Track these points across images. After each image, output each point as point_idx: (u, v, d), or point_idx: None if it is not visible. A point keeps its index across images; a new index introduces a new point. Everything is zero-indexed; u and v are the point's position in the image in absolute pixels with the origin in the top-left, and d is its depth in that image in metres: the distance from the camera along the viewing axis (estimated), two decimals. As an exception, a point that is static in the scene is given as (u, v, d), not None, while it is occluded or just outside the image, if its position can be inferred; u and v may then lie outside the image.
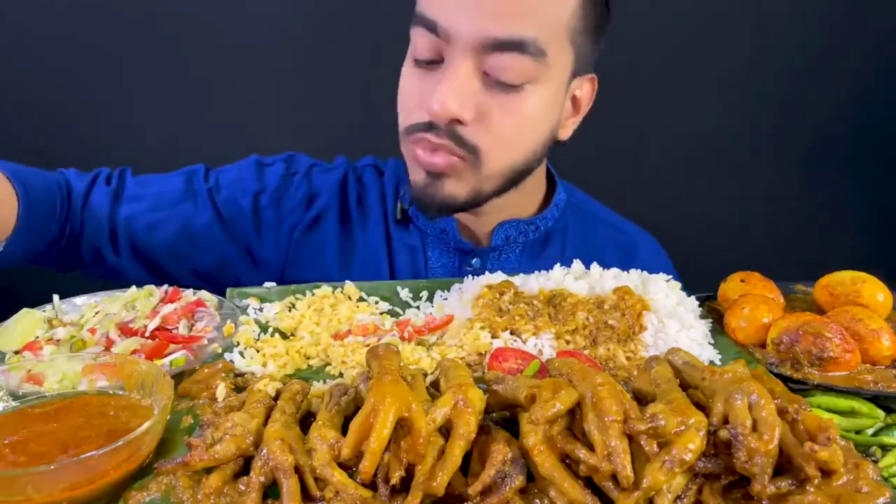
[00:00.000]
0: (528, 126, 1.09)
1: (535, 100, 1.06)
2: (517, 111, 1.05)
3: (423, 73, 1.07)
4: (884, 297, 0.99)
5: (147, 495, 0.63)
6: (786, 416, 0.64)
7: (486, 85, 1.03)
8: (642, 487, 0.58)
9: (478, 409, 0.67)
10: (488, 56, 1.00)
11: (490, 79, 1.03)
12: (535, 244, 1.29)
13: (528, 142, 1.11)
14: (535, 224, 1.28)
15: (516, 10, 0.98)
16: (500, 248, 1.26)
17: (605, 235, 1.37)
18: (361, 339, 0.93)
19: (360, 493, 0.60)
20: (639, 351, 0.92)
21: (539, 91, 1.06)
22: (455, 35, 1.00)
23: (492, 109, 1.04)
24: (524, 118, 1.07)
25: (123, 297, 1.00)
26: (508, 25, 0.98)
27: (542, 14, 1.00)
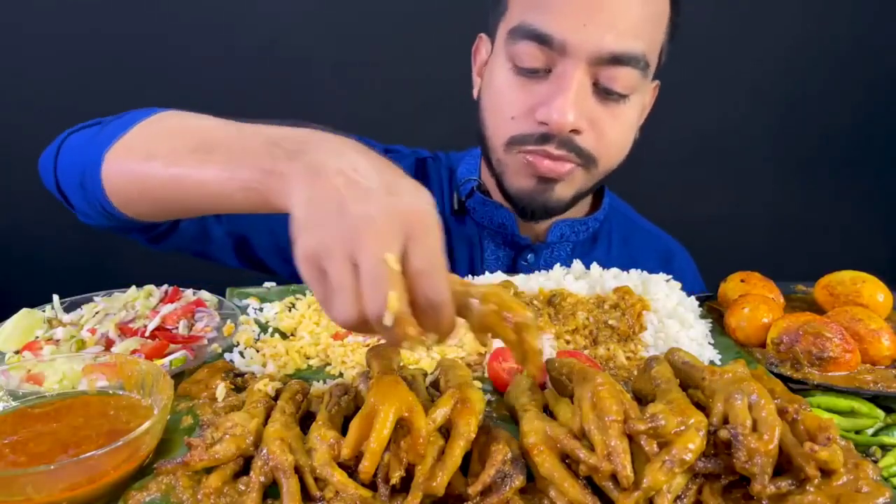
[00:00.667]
0: (630, 131, 1.17)
1: (637, 108, 1.14)
2: (623, 119, 1.12)
3: (526, 81, 1.09)
4: (884, 297, 1.00)
5: (147, 495, 0.63)
6: (786, 416, 0.64)
7: (595, 94, 1.08)
8: (642, 487, 0.58)
9: (478, 409, 0.67)
10: (601, 68, 1.05)
11: (599, 88, 1.07)
12: (584, 244, 1.33)
13: (628, 146, 1.18)
14: (587, 224, 1.31)
15: (629, 26, 1.03)
16: (554, 244, 1.29)
17: (644, 241, 1.42)
18: (361, 339, 0.93)
19: (360, 493, 0.60)
20: (639, 351, 0.92)
21: (639, 99, 1.14)
22: (571, 47, 1.03)
23: (602, 118, 1.09)
24: (628, 125, 1.14)
25: (123, 297, 1.00)
26: (624, 41, 1.03)
27: (650, 29, 1.07)
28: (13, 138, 2.19)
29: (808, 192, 2.72)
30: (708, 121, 2.56)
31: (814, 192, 2.72)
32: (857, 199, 2.74)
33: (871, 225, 2.77)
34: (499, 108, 1.14)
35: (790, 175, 2.71)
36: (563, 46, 1.03)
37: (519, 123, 1.10)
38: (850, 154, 2.68)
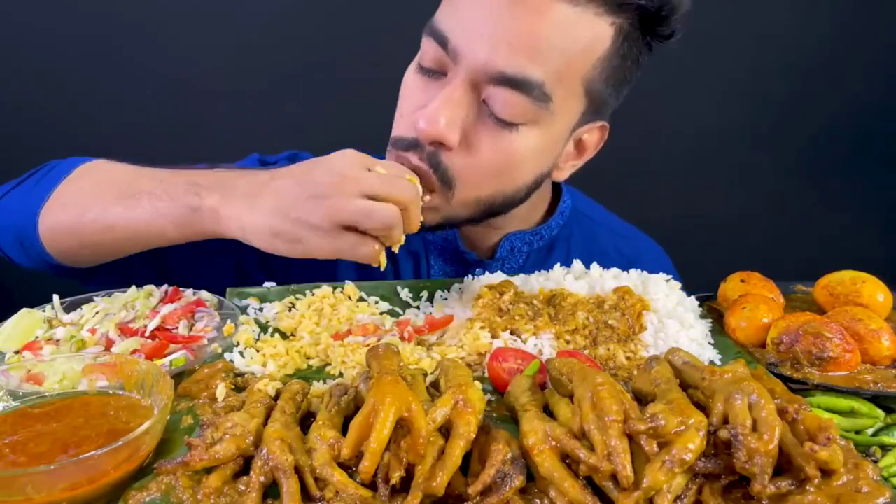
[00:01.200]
0: (513, 166, 1.03)
1: (529, 142, 1.01)
2: (505, 149, 1.00)
3: (425, 81, 1.03)
4: (884, 297, 0.99)
5: (147, 495, 0.63)
6: (786, 416, 0.64)
7: (480, 114, 0.99)
8: (642, 487, 0.58)
9: (478, 409, 0.67)
10: (490, 86, 0.96)
11: (486, 109, 0.98)
12: (539, 252, 1.27)
13: (508, 180, 1.05)
14: (540, 234, 1.26)
15: (531, 49, 0.94)
16: (505, 258, 1.24)
17: (609, 242, 1.35)
18: (361, 339, 0.93)
19: (360, 493, 0.60)
20: (639, 351, 0.92)
21: (534, 134, 1.01)
22: (462, 56, 0.96)
23: (480, 140, 0.99)
24: (511, 157, 1.01)
25: (123, 297, 1.00)
26: (518, 61, 0.94)
27: (558, 59, 0.95)
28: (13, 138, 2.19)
29: (808, 192, 2.72)
30: (708, 121, 2.57)
31: (814, 192, 2.72)
32: (857, 198, 2.74)
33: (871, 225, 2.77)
34: (399, 103, 1.07)
35: (790, 175, 2.71)
36: (455, 52, 0.96)
37: (405, 123, 1.03)
38: (850, 154, 2.68)
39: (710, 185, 2.64)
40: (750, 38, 2.51)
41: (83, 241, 1.02)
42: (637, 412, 0.62)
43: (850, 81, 2.58)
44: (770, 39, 2.52)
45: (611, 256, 1.28)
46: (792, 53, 2.54)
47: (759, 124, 2.63)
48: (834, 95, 2.58)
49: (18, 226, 1.06)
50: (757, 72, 2.55)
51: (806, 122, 2.62)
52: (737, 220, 2.68)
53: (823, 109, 2.59)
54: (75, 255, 1.06)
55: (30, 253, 1.07)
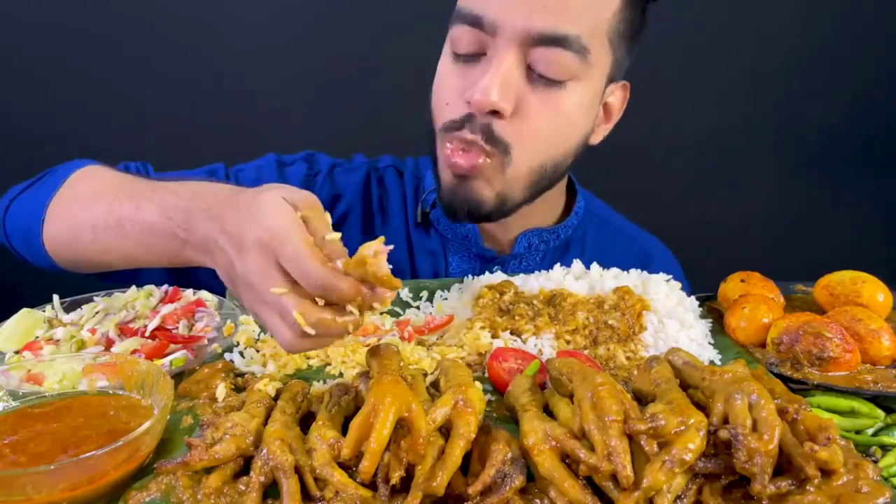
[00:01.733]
0: (565, 124, 1.07)
1: (576, 98, 1.05)
2: (557, 107, 1.04)
3: (463, 68, 1.06)
4: (884, 297, 0.99)
5: (147, 495, 0.63)
6: (786, 416, 0.64)
7: (528, 79, 1.03)
8: (642, 487, 0.58)
9: (478, 409, 0.67)
10: (533, 49, 1.00)
11: (533, 73, 1.02)
12: (555, 251, 1.29)
13: (561, 142, 1.09)
14: (557, 232, 1.28)
15: (562, 5, 0.99)
16: (522, 255, 1.26)
17: (620, 243, 1.38)
18: (361, 339, 0.93)
19: (360, 493, 0.60)
20: (639, 351, 0.92)
21: (579, 90, 1.05)
22: (501, 27, 1.00)
23: (531, 103, 1.03)
24: (563, 115, 1.06)
25: (123, 297, 1.00)
26: (554, 20, 0.99)
27: (586, 11, 1.01)
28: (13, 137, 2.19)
29: (809, 191, 2.72)
30: (708, 121, 2.57)
31: (814, 192, 2.72)
32: (857, 198, 2.74)
33: (871, 225, 2.77)
34: (437, 97, 1.10)
35: (790, 175, 2.71)
36: (493, 27, 1.00)
37: (451, 109, 1.06)
38: (851, 154, 2.68)
39: (711, 184, 2.64)
40: (751, 38, 2.51)
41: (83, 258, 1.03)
42: (637, 412, 0.62)
43: (850, 81, 2.58)
44: (771, 39, 2.51)
45: (622, 258, 1.29)
46: (792, 53, 2.53)
47: (760, 124, 2.63)
48: (834, 95, 2.58)
49: (25, 230, 1.08)
50: (757, 72, 2.55)
51: (806, 122, 2.62)
52: (737, 220, 2.68)
53: (824, 109, 2.59)
54: (78, 267, 1.07)
55: (40, 257, 1.08)
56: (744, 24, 2.50)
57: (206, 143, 1.96)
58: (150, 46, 2.25)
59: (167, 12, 2.23)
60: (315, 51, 2.33)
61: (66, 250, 1.04)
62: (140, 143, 2.02)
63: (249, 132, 2.18)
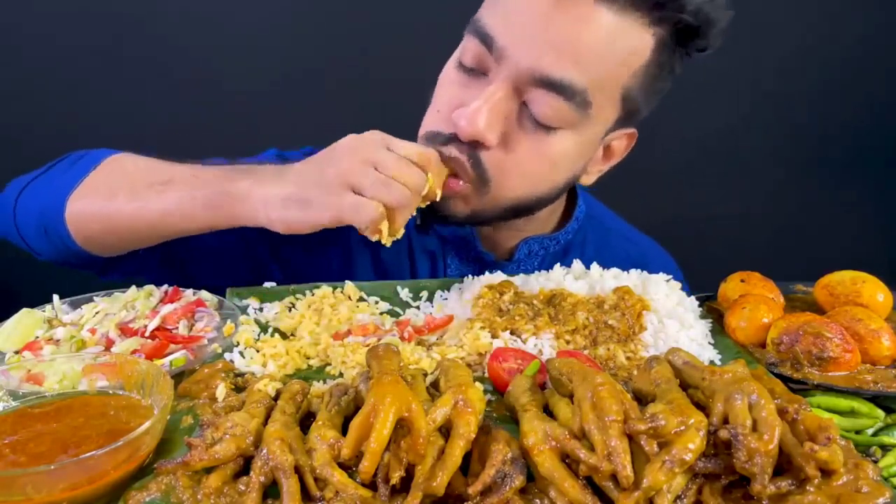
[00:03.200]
0: (550, 168, 1.05)
1: (566, 146, 1.03)
2: (543, 152, 1.02)
3: (466, 79, 1.03)
4: (884, 297, 0.99)
5: (147, 495, 0.63)
6: (786, 416, 0.64)
7: (520, 115, 1.00)
8: (642, 487, 0.58)
9: (478, 409, 0.67)
10: (533, 88, 0.97)
11: (526, 111, 0.99)
12: (554, 256, 1.29)
13: (543, 183, 1.07)
14: (557, 239, 1.27)
15: (576, 55, 0.95)
16: (521, 260, 1.25)
17: (620, 248, 1.37)
18: (361, 339, 0.93)
19: (360, 493, 0.60)
20: (639, 351, 0.92)
21: (571, 138, 1.02)
22: (508, 57, 0.96)
23: (519, 141, 1.01)
24: (548, 160, 1.03)
25: (123, 297, 1.00)
26: (563, 67, 0.95)
27: (601, 66, 0.97)
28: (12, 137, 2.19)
29: (809, 192, 2.72)
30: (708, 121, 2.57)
31: (814, 192, 2.72)
32: (858, 199, 2.74)
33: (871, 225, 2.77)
34: (435, 98, 1.08)
35: (790, 175, 2.71)
36: (501, 53, 0.97)
37: (440, 119, 1.04)
38: (851, 154, 2.69)
39: (711, 185, 2.64)
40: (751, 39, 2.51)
41: (111, 224, 1.01)
42: (637, 412, 0.62)
43: (851, 81, 2.58)
44: (771, 40, 2.52)
45: (621, 261, 1.28)
46: (793, 53, 2.54)
47: (760, 124, 2.64)
48: (835, 95, 2.58)
49: (45, 211, 1.04)
50: (757, 72, 2.55)
51: (806, 122, 2.62)
52: (737, 220, 2.68)
53: (824, 109, 2.59)
54: (101, 241, 1.05)
55: (53, 240, 1.05)
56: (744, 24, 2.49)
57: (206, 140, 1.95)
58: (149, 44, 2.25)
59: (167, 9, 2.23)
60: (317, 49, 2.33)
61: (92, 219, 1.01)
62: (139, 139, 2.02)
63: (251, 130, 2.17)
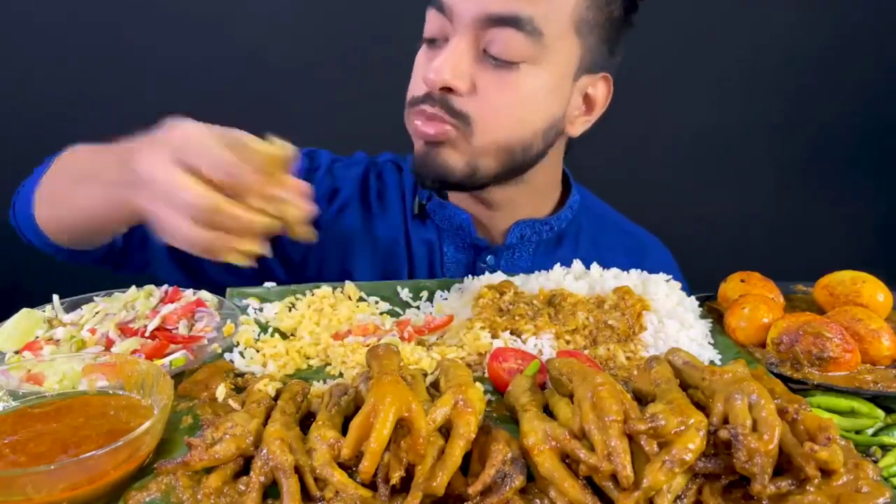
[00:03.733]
0: (523, 104, 1.10)
1: (532, 80, 1.08)
2: (511, 87, 1.08)
3: (431, 52, 1.12)
4: (884, 297, 1.00)
5: (147, 495, 0.63)
6: (786, 416, 0.64)
7: (483, 60, 1.07)
8: (642, 487, 0.58)
9: (478, 409, 0.67)
10: (486, 31, 1.05)
11: (487, 55, 1.06)
12: (548, 244, 1.31)
13: (522, 120, 1.12)
14: (550, 224, 1.29)
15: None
16: (514, 246, 1.28)
17: (616, 239, 1.39)
18: (361, 339, 0.93)
19: (360, 493, 0.60)
20: (639, 351, 0.92)
21: (536, 73, 1.08)
22: (456, 11, 1.05)
23: (487, 83, 1.07)
24: (519, 96, 1.09)
25: (123, 297, 0.99)
26: (506, 2, 1.03)
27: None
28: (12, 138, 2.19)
29: (808, 191, 2.72)
30: (708, 120, 2.56)
31: (814, 192, 2.72)
32: (857, 198, 2.74)
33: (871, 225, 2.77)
34: (412, 80, 1.16)
35: (790, 175, 2.71)
36: (450, 11, 1.06)
37: (414, 88, 1.13)
38: (850, 153, 2.68)
39: (710, 185, 2.64)
40: (750, 38, 2.51)
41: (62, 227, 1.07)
42: (637, 412, 0.62)
43: (850, 81, 2.58)
44: (770, 39, 2.52)
45: (617, 254, 1.31)
46: (792, 53, 2.53)
47: (760, 124, 2.63)
48: (834, 95, 2.58)
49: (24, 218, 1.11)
50: (757, 71, 2.55)
51: (806, 122, 2.62)
52: (737, 220, 2.68)
53: (823, 109, 2.59)
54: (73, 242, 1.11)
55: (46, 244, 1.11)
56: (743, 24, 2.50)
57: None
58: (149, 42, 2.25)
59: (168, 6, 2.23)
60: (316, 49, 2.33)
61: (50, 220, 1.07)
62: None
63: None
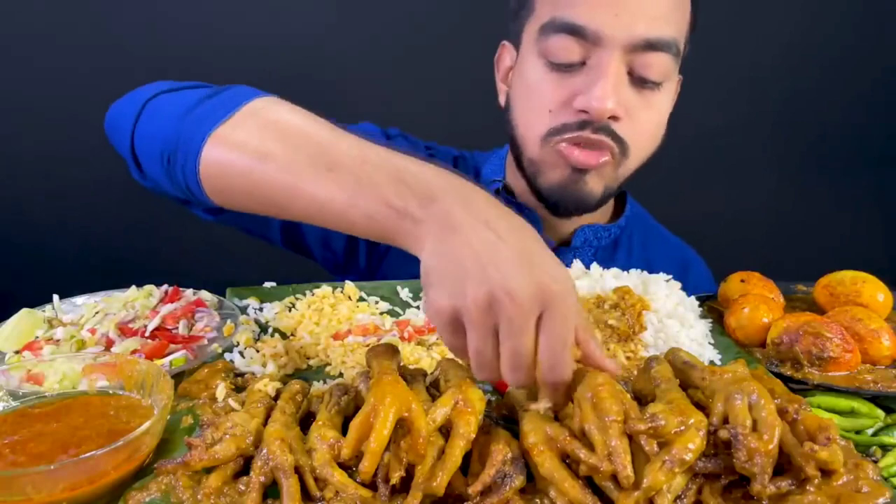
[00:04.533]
0: (662, 121, 1.18)
1: (667, 97, 1.16)
2: (657, 107, 1.14)
3: (561, 76, 1.10)
4: (884, 297, 1.00)
5: (147, 495, 0.63)
6: (786, 416, 0.64)
7: (631, 83, 1.10)
8: (642, 487, 0.58)
9: (478, 409, 0.67)
10: (636, 55, 1.07)
11: (634, 77, 1.09)
12: (605, 249, 1.33)
13: (660, 136, 1.19)
14: (609, 230, 1.31)
15: (661, 12, 1.06)
16: (578, 248, 1.30)
17: (662, 250, 1.42)
18: (361, 339, 0.93)
19: (360, 493, 0.60)
20: (639, 351, 0.92)
21: (670, 87, 1.15)
22: (605, 38, 1.05)
23: (637, 106, 1.10)
24: (661, 113, 1.16)
25: (123, 297, 0.99)
26: (655, 27, 1.05)
27: (678, 14, 1.10)
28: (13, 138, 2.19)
29: (808, 191, 2.71)
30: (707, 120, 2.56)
31: (814, 192, 2.72)
32: (857, 198, 2.74)
33: (871, 225, 2.77)
34: (535, 103, 1.14)
35: (790, 175, 2.71)
36: (597, 37, 1.05)
37: (557, 115, 1.12)
38: (851, 153, 2.68)
39: (711, 184, 2.64)
40: (750, 37, 2.51)
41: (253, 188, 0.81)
42: (637, 412, 0.62)
43: (850, 81, 2.58)
44: (770, 38, 2.51)
45: (666, 262, 1.30)
46: (792, 53, 2.53)
47: (760, 124, 2.63)
48: (834, 95, 2.58)
49: (175, 139, 0.86)
50: (757, 71, 2.55)
51: (806, 122, 2.62)
52: (737, 220, 2.68)
53: (824, 109, 2.59)
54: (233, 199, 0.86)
55: (175, 175, 0.88)
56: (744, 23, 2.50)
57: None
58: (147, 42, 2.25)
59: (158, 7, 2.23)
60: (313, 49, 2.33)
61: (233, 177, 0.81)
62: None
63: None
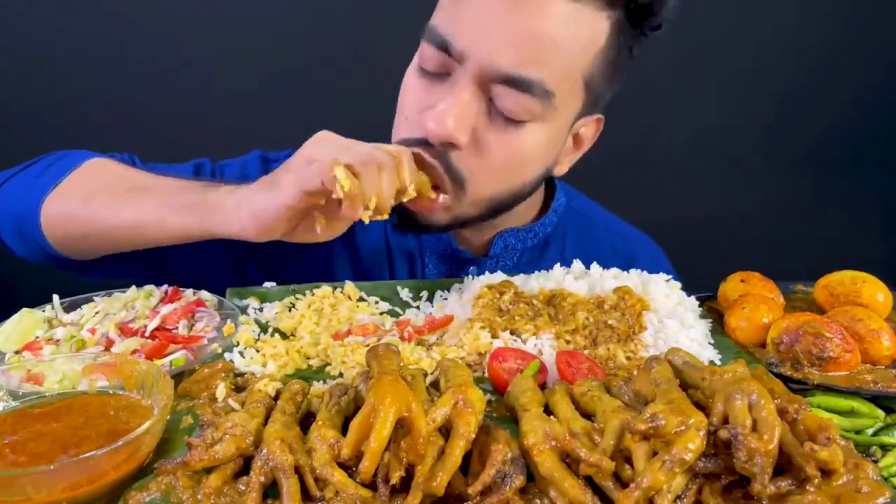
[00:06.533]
0: (522, 162, 1.06)
1: (535, 138, 1.03)
2: (514, 146, 1.02)
3: (428, 83, 1.04)
4: (884, 297, 0.99)
5: (147, 495, 0.63)
6: (786, 416, 0.64)
7: (488, 112, 1.01)
8: (642, 487, 0.58)
9: (478, 409, 0.67)
10: (496, 86, 0.98)
11: (494, 107, 1.00)
12: (532, 250, 1.28)
13: (517, 177, 1.08)
14: (534, 231, 1.26)
15: (534, 48, 0.96)
16: (498, 256, 1.25)
17: (604, 241, 1.36)
18: (361, 339, 0.93)
19: (360, 493, 0.60)
20: (639, 351, 0.92)
21: (540, 130, 1.03)
22: (468, 58, 0.97)
23: (489, 139, 1.01)
24: (519, 153, 1.04)
25: (123, 297, 1.00)
26: (521, 63, 0.96)
27: (560, 56, 0.98)
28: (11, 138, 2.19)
29: (808, 191, 2.72)
30: (707, 120, 2.57)
31: (813, 192, 2.72)
32: (857, 198, 2.74)
33: (871, 225, 2.77)
34: (400, 107, 1.08)
35: (790, 175, 2.71)
36: (460, 55, 0.98)
37: (409, 125, 1.05)
38: (850, 153, 2.68)
39: (710, 185, 2.64)
40: (749, 38, 2.51)
41: (85, 229, 1.02)
42: None
43: (850, 81, 2.58)
44: (770, 39, 2.52)
45: (607, 254, 1.27)
46: (792, 53, 2.54)
47: (759, 124, 2.63)
48: (834, 95, 2.58)
49: (20, 212, 1.05)
50: (757, 71, 2.55)
51: (806, 122, 2.62)
52: (737, 220, 2.68)
53: (823, 109, 2.59)
54: (75, 245, 1.06)
55: (28, 241, 1.06)
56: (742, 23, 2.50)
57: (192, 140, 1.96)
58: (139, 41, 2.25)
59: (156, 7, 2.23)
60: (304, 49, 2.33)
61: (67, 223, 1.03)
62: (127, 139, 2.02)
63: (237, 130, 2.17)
